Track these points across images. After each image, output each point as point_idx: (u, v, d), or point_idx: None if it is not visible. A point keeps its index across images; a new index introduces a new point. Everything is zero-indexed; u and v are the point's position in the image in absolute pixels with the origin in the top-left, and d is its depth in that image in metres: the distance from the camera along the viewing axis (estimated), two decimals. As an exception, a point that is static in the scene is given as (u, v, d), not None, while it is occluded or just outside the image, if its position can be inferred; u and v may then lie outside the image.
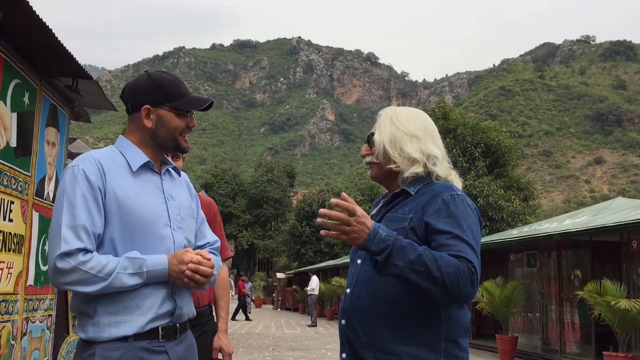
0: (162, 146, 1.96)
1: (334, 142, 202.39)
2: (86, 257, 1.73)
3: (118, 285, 1.74)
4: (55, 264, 1.72)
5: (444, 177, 1.91)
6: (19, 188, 3.50)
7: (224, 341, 2.92)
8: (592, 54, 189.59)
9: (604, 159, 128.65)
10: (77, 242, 1.73)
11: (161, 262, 1.81)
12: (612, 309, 8.72)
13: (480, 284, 12.40)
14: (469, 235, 1.74)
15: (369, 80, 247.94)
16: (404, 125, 1.93)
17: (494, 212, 21.18)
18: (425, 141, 1.92)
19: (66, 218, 1.75)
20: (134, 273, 1.76)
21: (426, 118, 1.99)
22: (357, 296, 1.86)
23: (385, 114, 1.99)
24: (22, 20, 3.03)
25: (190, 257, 1.83)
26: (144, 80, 1.96)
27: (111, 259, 1.76)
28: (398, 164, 1.90)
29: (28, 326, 3.72)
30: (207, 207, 3.04)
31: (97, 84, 4.22)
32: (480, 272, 1.71)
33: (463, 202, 1.82)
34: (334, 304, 27.79)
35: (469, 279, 1.66)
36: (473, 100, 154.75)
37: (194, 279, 1.84)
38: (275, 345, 13.53)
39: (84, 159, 1.85)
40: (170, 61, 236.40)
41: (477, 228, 1.81)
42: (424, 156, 1.90)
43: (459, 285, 1.64)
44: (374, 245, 1.68)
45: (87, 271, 1.71)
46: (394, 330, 1.77)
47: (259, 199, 56.46)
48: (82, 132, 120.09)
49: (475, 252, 1.72)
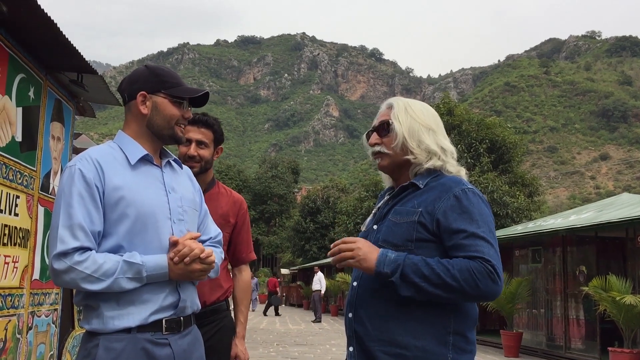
0: (158, 135, 1.97)
1: (338, 138, 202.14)
2: (82, 256, 1.74)
3: (117, 289, 1.76)
4: (52, 265, 1.75)
5: (454, 172, 1.90)
6: (25, 182, 3.50)
7: (240, 348, 2.83)
8: (597, 50, 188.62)
9: (609, 155, 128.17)
10: (73, 241, 1.74)
11: (161, 265, 1.82)
12: (617, 304, 8.70)
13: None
14: (484, 230, 1.73)
15: (374, 76, 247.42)
16: (419, 117, 1.90)
17: (499, 208, 21.13)
18: (439, 134, 1.91)
19: (63, 218, 1.77)
20: (133, 278, 1.78)
21: (434, 111, 1.98)
22: (364, 289, 1.86)
23: (398, 105, 1.94)
24: (27, 14, 3.03)
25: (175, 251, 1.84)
26: (141, 70, 2.01)
27: (108, 258, 1.77)
28: (416, 155, 1.88)
29: (34, 320, 3.73)
30: (238, 206, 2.95)
31: (102, 79, 4.22)
32: (500, 264, 1.70)
33: (475, 196, 1.80)
34: (338, 299, 27.82)
35: (488, 277, 1.66)
36: (478, 96, 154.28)
37: (190, 270, 1.84)
38: (280, 341, 13.55)
39: (81, 158, 1.86)
40: (174, 57, 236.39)
41: (491, 220, 1.80)
42: (439, 149, 1.89)
43: (478, 286, 1.65)
44: (385, 267, 1.70)
45: (82, 271, 1.73)
46: (402, 323, 1.77)
47: (264, 195, 56.55)
48: (86, 128, 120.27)
49: (492, 247, 1.72)
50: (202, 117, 2.84)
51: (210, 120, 2.87)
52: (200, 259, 1.85)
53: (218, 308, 2.79)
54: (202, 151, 2.80)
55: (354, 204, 31.54)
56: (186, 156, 2.77)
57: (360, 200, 31.14)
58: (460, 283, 1.65)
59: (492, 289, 1.68)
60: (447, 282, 1.66)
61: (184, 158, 2.76)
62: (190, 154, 2.77)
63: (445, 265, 1.68)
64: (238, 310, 2.92)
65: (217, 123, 2.92)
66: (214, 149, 2.90)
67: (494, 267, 1.68)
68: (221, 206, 2.88)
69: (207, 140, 2.83)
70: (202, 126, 2.82)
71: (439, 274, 1.66)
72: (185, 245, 1.84)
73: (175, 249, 1.84)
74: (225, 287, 2.85)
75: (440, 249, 1.78)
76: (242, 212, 2.97)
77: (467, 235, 1.71)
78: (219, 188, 2.95)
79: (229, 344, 2.81)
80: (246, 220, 3.00)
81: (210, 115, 2.95)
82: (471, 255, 1.68)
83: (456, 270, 1.66)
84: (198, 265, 1.85)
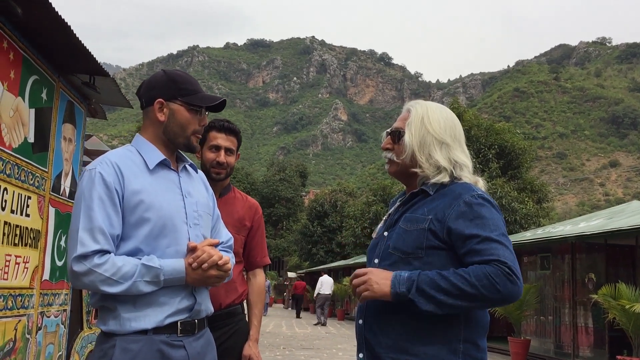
0: (173, 142, 1.99)
1: (347, 142, 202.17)
2: (102, 259, 1.76)
3: (135, 292, 1.79)
4: (72, 267, 1.76)
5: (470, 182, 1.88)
6: (36, 183, 3.52)
7: (254, 350, 2.83)
8: (608, 56, 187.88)
9: (619, 162, 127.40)
10: (93, 244, 1.76)
11: (178, 270, 1.84)
12: (626, 313, 8.63)
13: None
14: (497, 234, 1.71)
15: (382, 80, 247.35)
16: (434, 129, 1.87)
17: (507, 214, 21.04)
18: (454, 148, 1.88)
19: (83, 221, 1.79)
20: (151, 281, 1.80)
21: (455, 121, 1.94)
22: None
23: (416, 112, 1.91)
24: (41, 16, 3.05)
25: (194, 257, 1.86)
26: (159, 76, 2.02)
27: (127, 261, 1.79)
28: (424, 169, 1.86)
29: (43, 321, 3.74)
30: (253, 211, 2.97)
31: (114, 81, 4.24)
32: (517, 265, 1.69)
33: (486, 201, 1.79)
34: (345, 304, 27.77)
35: (507, 279, 1.64)
36: (487, 101, 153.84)
37: (207, 276, 1.87)
38: (287, 344, 13.55)
39: (101, 162, 1.88)
40: (184, 60, 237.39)
41: (503, 224, 1.78)
42: (450, 164, 1.86)
43: (499, 290, 1.63)
44: (400, 286, 1.69)
45: (101, 273, 1.75)
46: (413, 331, 1.76)
47: (271, 198, 56.57)
48: (96, 129, 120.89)
49: (507, 248, 1.70)
50: (229, 125, 2.87)
51: (236, 127, 2.91)
52: (217, 266, 1.87)
53: (233, 311, 2.81)
54: (229, 158, 2.83)
55: (362, 208, 31.51)
56: (215, 162, 2.79)
57: (367, 204, 31.11)
58: (480, 290, 1.63)
59: (513, 291, 1.66)
60: (466, 292, 1.64)
61: (211, 164, 2.79)
62: (221, 160, 2.79)
63: (462, 275, 1.66)
64: (252, 314, 2.93)
65: (239, 129, 2.96)
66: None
67: (510, 268, 1.66)
68: (237, 210, 2.90)
69: (234, 147, 2.87)
70: (230, 133, 2.85)
71: (456, 284, 1.64)
72: (204, 252, 1.86)
73: (194, 255, 1.86)
74: (240, 290, 2.87)
75: (451, 256, 1.76)
76: (258, 217, 3.00)
77: (481, 239, 1.70)
78: (234, 193, 2.98)
79: (243, 347, 2.81)
80: (261, 225, 3.03)
81: (221, 118, 2.97)
82: (486, 259, 1.67)
83: (474, 278, 1.64)
84: (214, 271, 1.87)
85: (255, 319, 2.91)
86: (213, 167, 2.79)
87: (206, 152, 2.81)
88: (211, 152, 2.80)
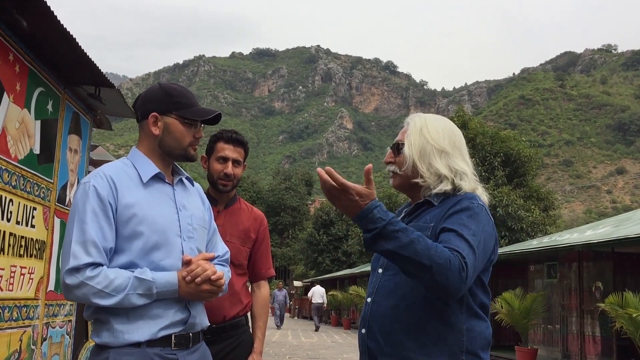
0: (169, 155, 2.00)
1: (352, 150, 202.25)
2: (94, 272, 1.77)
3: (127, 305, 1.79)
4: (64, 279, 1.78)
5: (469, 190, 1.87)
6: (42, 194, 3.54)
7: None
8: (613, 63, 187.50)
9: (625, 169, 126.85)
10: (85, 257, 1.77)
11: (171, 283, 1.85)
12: (634, 321, 8.57)
13: (500, 295, 12.28)
14: (472, 237, 1.69)
15: (388, 88, 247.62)
16: (433, 138, 1.88)
17: (514, 222, 20.95)
18: (454, 156, 1.88)
19: (76, 234, 1.80)
20: (143, 294, 1.81)
21: (454, 130, 1.95)
22: (379, 305, 1.84)
23: (415, 124, 1.93)
24: (47, 29, 3.08)
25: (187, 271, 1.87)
26: (155, 89, 2.03)
27: (119, 274, 1.79)
28: (425, 179, 1.87)
29: (48, 331, 3.75)
30: (259, 222, 2.97)
31: (119, 92, 4.27)
32: (472, 273, 1.65)
33: (481, 211, 1.79)
34: (351, 313, 27.68)
35: (458, 274, 1.60)
36: (492, 109, 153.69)
37: (200, 290, 1.87)
38: (292, 354, 13.50)
39: (95, 175, 1.90)
40: (190, 69, 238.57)
41: (486, 238, 1.76)
42: (451, 173, 1.86)
43: (447, 277, 1.59)
44: (363, 222, 1.66)
45: (93, 286, 1.76)
46: (416, 340, 1.75)
47: (277, 206, 56.62)
48: (103, 139, 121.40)
49: (473, 252, 1.67)
50: (237, 136, 2.87)
51: (243, 138, 2.91)
52: (210, 281, 1.87)
53: (238, 323, 2.80)
54: (237, 170, 2.84)
55: (368, 217, 31.39)
56: (222, 174, 2.80)
57: (373, 213, 30.99)
58: (432, 266, 1.58)
59: (457, 286, 1.61)
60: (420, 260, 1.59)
61: (219, 176, 2.80)
62: (229, 172, 2.80)
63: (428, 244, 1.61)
64: (256, 326, 2.91)
65: (246, 140, 2.97)
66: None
67: (467, 265, 1.62)
68: (242, 221, 2.90)
69: (241, 158, 2.87)
70: (237, 145, 2.85)
71: (416, 249, 1.59)
72: (198, 265, 1.86)
73: (188, 268, 1.87)
74: (244, 302, 2.86)
75: None
76: (263, 229, 2.99)
77: (455, 234, 1.69)
78: (240, 204, 2.98)
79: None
80: (266, 237, 3.02)
81: (229, 129, 2.97)
82: (450, 247, 1.64)
83: (435, 252, 1.60)
84: (207, 286, 1.87)
85: (260, 332, 2.89)
86: (220, 178, 2.79)
87: (214, 163, 2.81)
88: (219, 164, 2.80)
